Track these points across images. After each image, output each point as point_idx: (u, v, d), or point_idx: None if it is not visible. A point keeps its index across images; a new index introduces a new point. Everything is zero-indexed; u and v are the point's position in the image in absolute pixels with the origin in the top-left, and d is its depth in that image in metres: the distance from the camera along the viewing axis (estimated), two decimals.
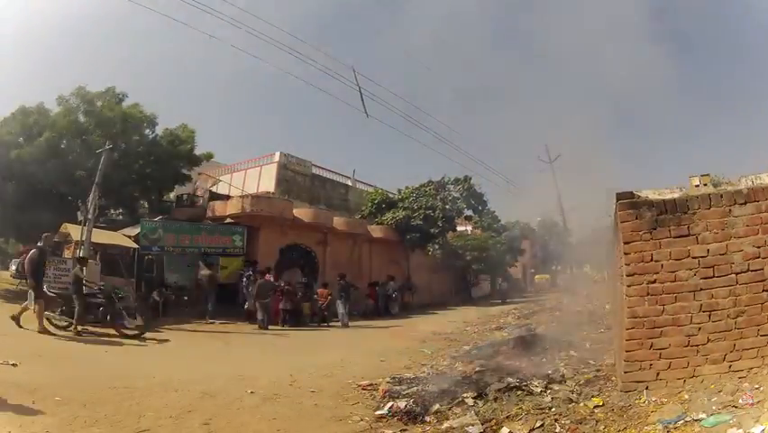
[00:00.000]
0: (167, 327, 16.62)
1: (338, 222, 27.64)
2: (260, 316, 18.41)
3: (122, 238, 20.87)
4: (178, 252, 21.71)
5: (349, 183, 39.06)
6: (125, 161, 23.99)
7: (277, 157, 33.74)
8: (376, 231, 30.73)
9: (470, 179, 37.04)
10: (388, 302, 26.94)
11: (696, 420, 4.92)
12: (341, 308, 20.99)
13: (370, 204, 33.34)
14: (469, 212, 38.33)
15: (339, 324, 20.76)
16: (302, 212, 25.70)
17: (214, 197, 27.27)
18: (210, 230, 23.10)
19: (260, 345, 15.20)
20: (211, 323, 18.29)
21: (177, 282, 21.20)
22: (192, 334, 16.37)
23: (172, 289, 20.91)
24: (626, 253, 6.22)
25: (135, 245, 20.49)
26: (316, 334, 18.81)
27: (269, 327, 18.35)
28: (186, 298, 21.11)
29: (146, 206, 27.18)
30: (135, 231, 21.53)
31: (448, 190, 35.89)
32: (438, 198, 33.33)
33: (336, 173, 38.44)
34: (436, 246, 32.55)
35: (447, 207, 33.31)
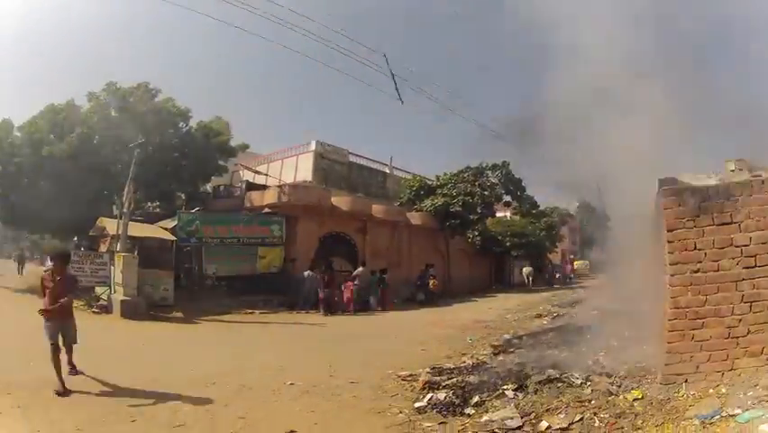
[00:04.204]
0: (205, 318, 16.88)
1: (377, 209, 27.58)
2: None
3: (159, 231, 21.24)
4: (216, 243, 21.91)
5: (386, 171, 38.62)
6: (160, 154, 24.20)
7: (313, 146, 33.51)
8: (415, 218, 30.61)
9: (508, 164, 36.61)
10: (417, 291, 26.38)
11: (731, 416, 4.81)
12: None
13: (408, 191, 33.23)
14: (507, 198, 37.96)
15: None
16: (340, 200, 25.72)
17: (251, 187, 27.32)
18: (248, 220, 23.33)
19: (299, 335, 15.30)
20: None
21: (215, 273, 21.41)
22: (230, 324, 16.55)
23: (211, 279, 21.36)
24: (669, 241, 6.07)
25: (173, 237, 20.77)
26: (357, 322, 18.67)
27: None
28: (225, 288, 21.46)
29: (183, 198, 27.37)
30: (172, 223, 21.90)
31: (486, 176, 35.50)
32: (477, 183, 32.92)
33: (373, 161, 38.03)
34: (476, 233, 32.36)
35: (486, 192, 32.91)
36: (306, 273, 21.15)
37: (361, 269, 22.78)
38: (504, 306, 22.93)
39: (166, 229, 21.46)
